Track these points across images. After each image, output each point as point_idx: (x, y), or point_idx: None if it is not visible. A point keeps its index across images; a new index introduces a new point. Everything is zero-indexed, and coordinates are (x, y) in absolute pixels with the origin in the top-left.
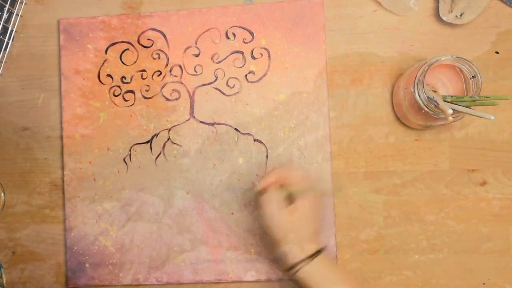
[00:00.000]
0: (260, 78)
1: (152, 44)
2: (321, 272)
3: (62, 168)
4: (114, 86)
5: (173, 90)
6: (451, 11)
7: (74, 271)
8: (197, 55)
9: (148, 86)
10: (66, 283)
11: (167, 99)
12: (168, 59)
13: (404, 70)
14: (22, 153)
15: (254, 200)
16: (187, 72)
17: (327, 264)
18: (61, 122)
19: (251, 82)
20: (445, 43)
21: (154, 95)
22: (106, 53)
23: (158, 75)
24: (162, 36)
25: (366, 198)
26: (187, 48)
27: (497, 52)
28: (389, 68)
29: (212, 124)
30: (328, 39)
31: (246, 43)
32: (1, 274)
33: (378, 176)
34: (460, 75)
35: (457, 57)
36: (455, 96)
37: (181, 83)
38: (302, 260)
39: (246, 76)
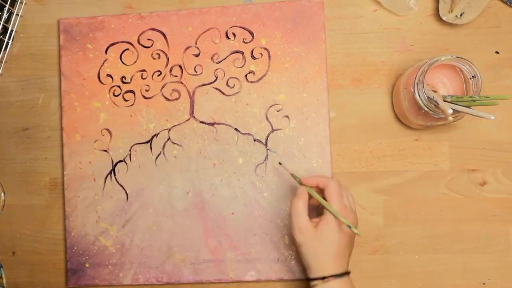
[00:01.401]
0: (260, 78)
1: (152, 44)
2: None
3: (62, 168)
4: (114, 86)
5: (173, 90)
6: (451, 11)
7: (74, 271)
8: (197, 55)
9: (148, 86)
10: (66, 283)
11: (167, 99)
12: (168, 59)
13: (404, 70)
14: (22, 153)
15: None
16: (187, 72)
17: None
18: (61, 122)
19: (251, 82)
20: (445, 43)
21: (154, 95)
22: (106, 53)
23: (158, 75)
24: (162, 36)
25: (366, 198)
26: (187, 48)
27: (497, 52)
28: (389, 68)
29: (212, 124)
30: (328, 39)
31: (246, 43)
32: (1, 274)
33: (378, 176)
34: (460, 75)
35: (457, 57)
36: (455, 96)
37: (181, 83)
38: (317, 278)
39: (246, 76)
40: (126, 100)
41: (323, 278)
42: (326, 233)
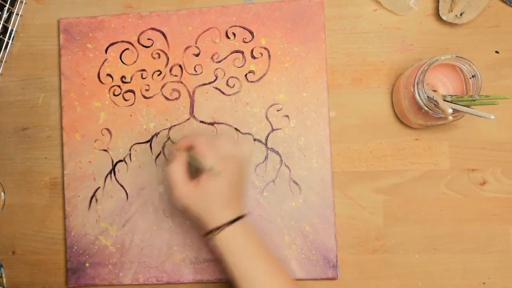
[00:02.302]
0: (260, 78)
1: (152, 44)
2: (234, 241)
3: (62, 168)
4: (114, 86)
5: (173, 89)
6: (451, 11)
7: (74, 271)
8: (197, 55)
9: (148, 85)
10: (66, 283)
11: (167, 98)
12: (168, 58)
13: (404, 70)
14: (22, 153)
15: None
16: (187, 72)
17: (242, 234)
18: (61, 122)
19: (251, 81)
20: (445, 42)
21: (154, 95)
22: (106, 52)
23: (158, 75)
24: (162, 36)
25: (366, 198)
26: (187, 48)
27: (497, 52)
28: (389, 68)
29: (212, 124)
30: (328, 39)
31: (246, 42)
32: (1, 274)
33: (378, 176)
34: (460, 75)
35: (457, 56)
36: (455, 95)
37: (181, 82)
38: (215, 229)
39: (246, 75)
40: (126, 100)
41: (217, 228)
42: (207, 189)
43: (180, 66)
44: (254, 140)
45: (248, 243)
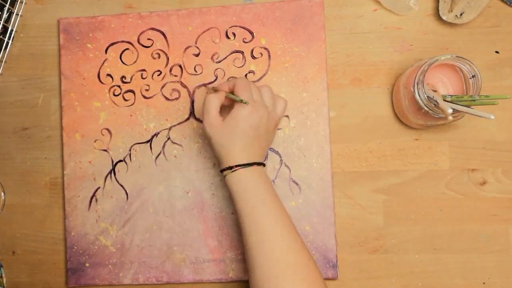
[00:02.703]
0: (260, 78)
1: (152, 44)
2: (246, 182)
3: (62, 168)
4: (114, 86)
5: (173, 89)
6: (451, 11)
7: (74, 271)
8: (197, 55)
9: (148, 85)
10: (66, 283)
11: (167, 98)
12: (168, 58)
13: (404, 70)
14: (22, 153)
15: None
16: (187, 72)
17: (255, 178)
18: (61, 122)
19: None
20: (445, 42)
21: (154, 95)
22: (106, 52)
23: (158, 75)
24: (162, 36)
25: (366, 198)
26: (187, 48)
27: (497, 52)
28: (389, 68)
29: None
30: (328, 39)
31: (246, 42)
32: (1, 274)
33: (378, 176)
34: (460, 75)
35: (457, 56)
36: (455, 95)
37: (181, 82)
38: (226, 168)
39: (246, 75)
40: (126, 100)
41: (231, 167)
42: (231, 126)
43: (180, 66)
44: None
45: (260, 186)
